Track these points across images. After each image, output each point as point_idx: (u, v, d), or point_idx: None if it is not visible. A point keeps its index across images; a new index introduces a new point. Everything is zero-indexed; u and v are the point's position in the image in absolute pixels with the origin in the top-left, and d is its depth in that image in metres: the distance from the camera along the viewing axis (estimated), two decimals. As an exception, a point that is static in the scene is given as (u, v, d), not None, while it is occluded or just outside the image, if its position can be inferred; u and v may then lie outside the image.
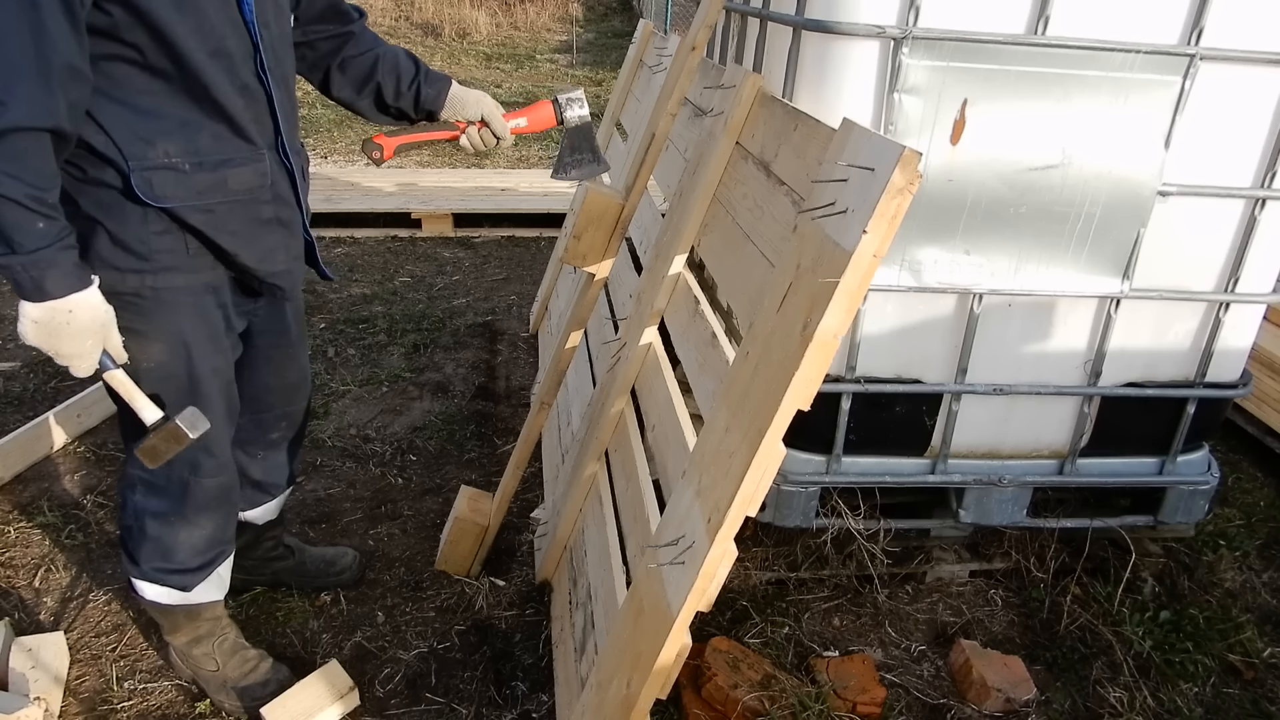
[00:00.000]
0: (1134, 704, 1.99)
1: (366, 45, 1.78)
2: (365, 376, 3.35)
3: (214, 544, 1.78)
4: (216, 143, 1.46)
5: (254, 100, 1.50)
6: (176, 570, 1.75)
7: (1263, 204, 1.92)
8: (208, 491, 1.70)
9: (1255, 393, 3.05)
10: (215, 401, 1.64)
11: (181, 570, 1.75)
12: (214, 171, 1.46)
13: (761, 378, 1.20)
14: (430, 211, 5.03)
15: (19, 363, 3.33)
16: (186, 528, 1.72)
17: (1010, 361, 2.02)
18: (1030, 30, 1.73)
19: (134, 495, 1.71)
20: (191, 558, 1.75)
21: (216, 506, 1.74)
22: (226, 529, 1.80)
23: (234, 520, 1.83)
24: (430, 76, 1.79)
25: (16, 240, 1.27)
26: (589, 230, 2.02)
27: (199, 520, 1.72)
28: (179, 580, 1.76)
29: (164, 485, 1.68)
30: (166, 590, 1.77)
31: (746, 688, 1.82)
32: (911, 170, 1.02)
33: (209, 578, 1.80)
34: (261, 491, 2.02)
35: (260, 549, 2.14)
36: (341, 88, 1.80)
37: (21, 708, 1.73)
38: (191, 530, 1.73)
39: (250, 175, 1.52)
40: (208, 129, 1.45)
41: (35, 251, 1.28)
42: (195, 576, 1.77)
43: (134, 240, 1.45)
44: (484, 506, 2.28)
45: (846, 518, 2.09)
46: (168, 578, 1.76)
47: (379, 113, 1.83)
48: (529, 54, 11.85)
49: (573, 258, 2.07)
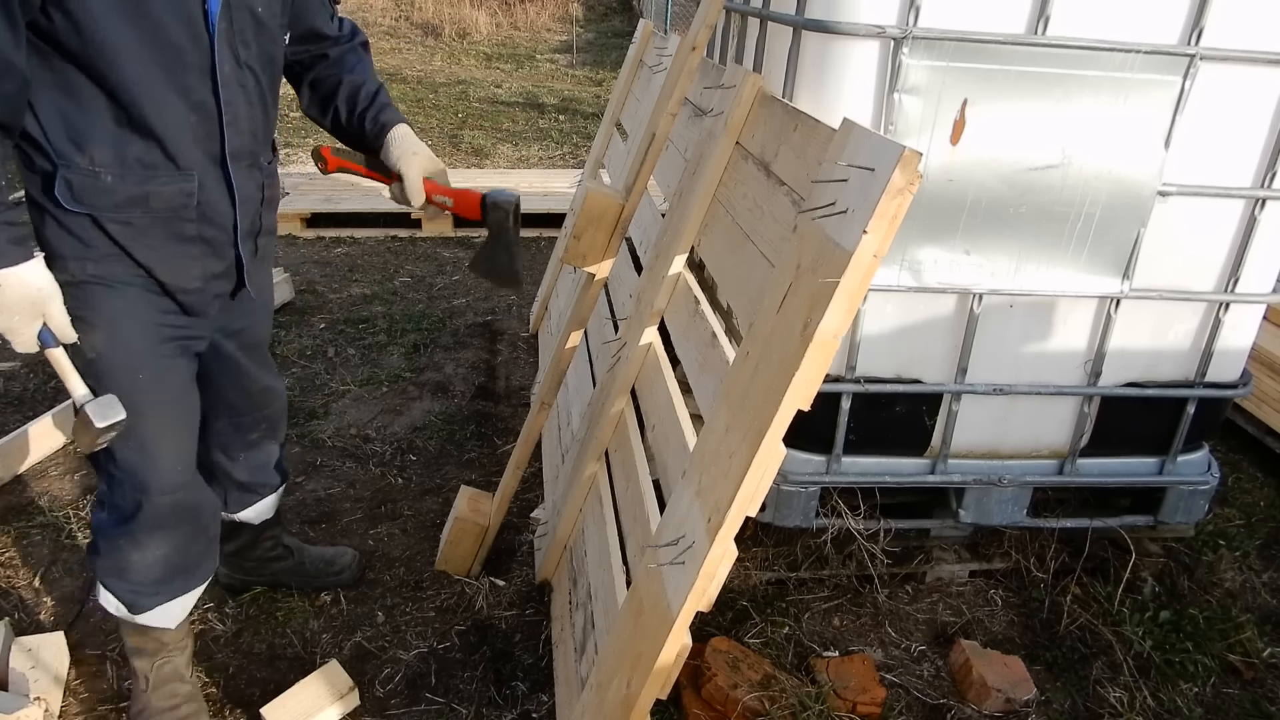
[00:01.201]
0: (1134, 704, 1.99)
1: (338, 68, 1.75)
2: (365, 376, 3.35)
3: (173, 571, 1.69)
4: (145, 157, 1.43)
5: (204, 117, 1.46)
6: (129, 589, 1.68)
7: (1263, 204, 1.92)
8: (160, 511, 1.62)
9: (1255, 393, 3.05)
10: (156, 408, 1.57)
11: (134, 590, 1.68)
12: (137, 186, 1.44)
13: (761, 378, 1.20)
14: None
15: (19, 363, 3.33)
16: (137, 550, 1.64)
17: (1010, 361, 2.02)
18: (1030, 30, 1.73)
19: (98, 512, 1.67)
20: (147, 581, 1.68)
21: (172, 528, 1.65)
22: (187, 555, 1.70)
23: (199, 547, 1.73)
24: (378, 115, 1.72)
25: None
26: (589, 230, 2.03)
27: (149, 543, 1.64)
28: (130, 598, 1.68)
29: (117, 503, 1.62)
30: (117, 603, 1.70)
31: (746, 688, 1.82)
32: (911, 170, 1.02)
33: (164, 606, 1.71)
34: (250, 492, 2.00)
35: (259, 549, 2.13)
36: (310, 106, 1.80)
37: (21, 708, 1.73)
38: (143, 553, 1.65)
39: (174, 194, 1.47)
40: (138, 143, 1.42)
41: None
42: (148, 600, 1.69)
43: (76, 226, 1.44)
44: (484, 506, 2.28)
45: (846, 518, 2.09)
46: (121, 592, 1.69)
47: (339, 137, 1.82)
48: (529, 54, 11.86)
49: (573, 258, 2.07)
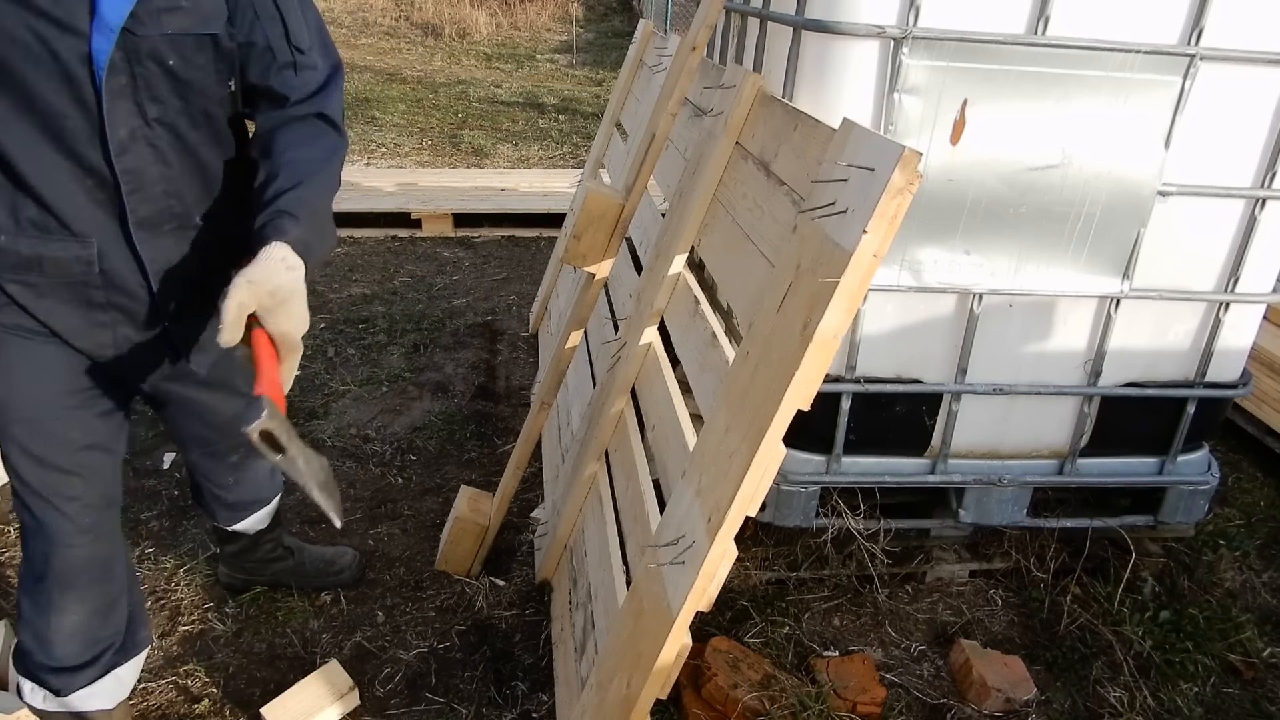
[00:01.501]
0: (1134, 704, 1.99)
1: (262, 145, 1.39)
2: (365, 376, 3.35)
3: (94, 640, 1.57)
4: (38, 220, 1.32)
5: (99, 183, 1.32)
6: (53, 668, 1.55)
7: (1263, 204, 1.92)
8: (71, 564, 1.50)
9: (1255, 393, 3.05)
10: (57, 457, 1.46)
11: (58, 668, 1.55)
12: (30, 249, 1.33)
13: (761, 378, 1.20)
14: (430, 211, 5.04)
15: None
16: (55, 613, 1.52)
17: (1010, 361, 2.02)
18: (1030, 30, 1.73)
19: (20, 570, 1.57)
20: (68, 653, 1.55)
21: (86, 586, 1.53)
22: (107, 621, 1.58)
23: (126, 606, 1.62)
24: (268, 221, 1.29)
25: None
26: (589, 230, 2.03)
27: (65, 604, 1.52)
28: (55, 681, 1.55)
29: (30, 557, 1.52)
30: (42, 693, 1.57)
31: (746, 688, 1.82)
32: (911, 170, 1.02)
33: (95, 683, 1.59)
34: (239, 510, 1.96)
35: (258, 552, 2.13)
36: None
37: (21, 708, 1.72)
38: (60, 616, 1.52)
39: (69, 260, 1.35)
40: (31, 206, 1.31)
41: None
42: (74, 678, 1.57)
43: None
44: (484, 506, 2.28)
45: (846, 518, 2.09)
46: (45, 676, 1.55)
47: None
48: (529, 54, 11.86)
49: (573, 258, 2.07)
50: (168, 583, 2.23)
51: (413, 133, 7.67)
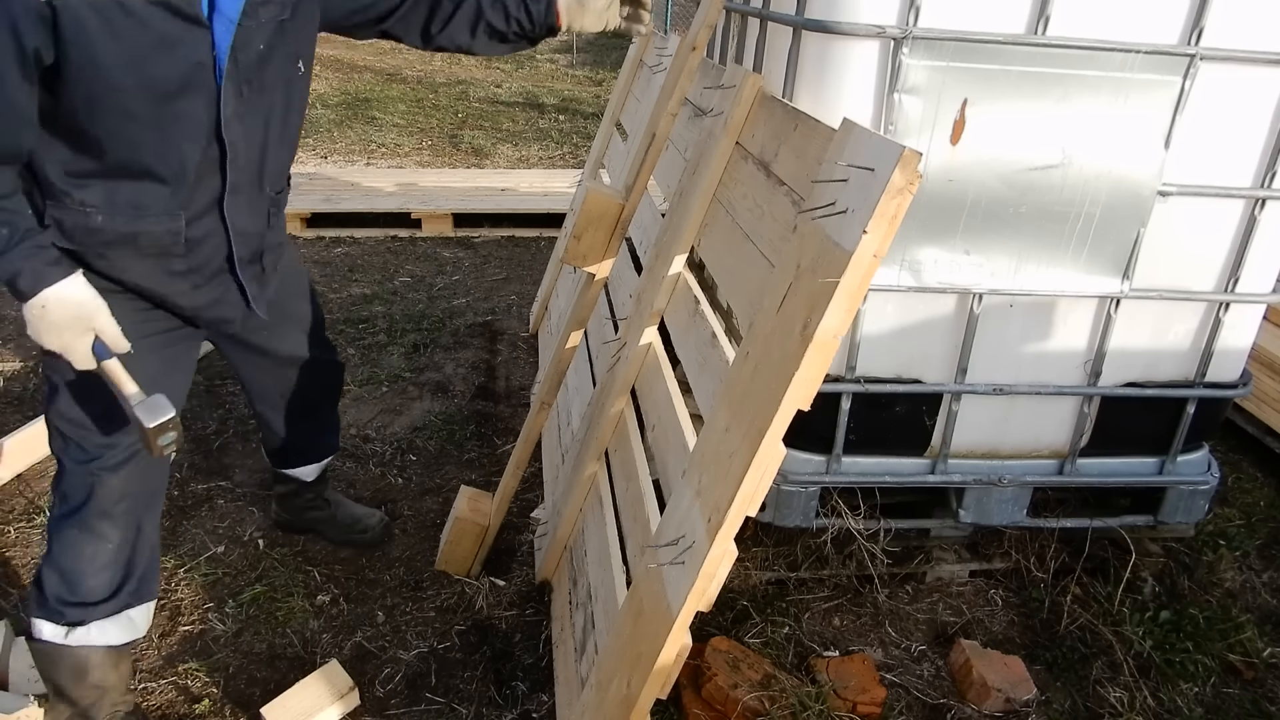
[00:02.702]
0: (1134, 704, 1.99)
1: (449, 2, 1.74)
2: (365, 376, 3.35)
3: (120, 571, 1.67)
4: (136, 198, 1.45)
5: (207, 160, 1.48)
6: (76, 602, 1.64)
7: (1263, 204, 1.92)
8: (111, 493, 1.62)
9: (1255, 393, 3.05)
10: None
11: (82, 602, 1.64)
12: (126, 226, 1.46)
13: (761, 378, 1.20)
14: (430, 211, 5.03)
15: (19, 363, 3.33)
16: (91, 540, 1.63)
17: (1010, 361, 2.02)
18: (1030, 30, 1.73)
19: (52, 514, 1.66)
20: (97, 584, 1.65)
21: (122, 516, 1.65)
22: (136, 555, 1.69)
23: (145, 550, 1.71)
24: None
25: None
26: (589, 230, 2.03)
27: (102, 529, 1.63)
28: (77, 613, 1.64)
29: (69, 492, 1.63)
30: (62, 629, 1.65)
31: (746, 688, 1.82)
32: (911, 170, 1.02)
33: (112, 617, 1.68)
34: (296, 458, 2.23)
35: (302, 499, 2.35)
36: (448, 41, 1.79)
37: (21, 708, 1.72)
38: (97, 544, 1.63)
39: (162, 234, 1.50)
40: (129, 186, 1.44)
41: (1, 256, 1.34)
42: (93, 610, 1.66)
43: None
44: (484, 506, 2.28)
45: (846, 518, 2.09)
46: (67, 610, 1.64)
47: (497, 45, 1.84)
48: (529, 54, 11.85)
49: (573, 258, 2.07)
50: (168, 583, 2.23)
51: (413, 133, 7.68)
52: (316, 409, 2.16)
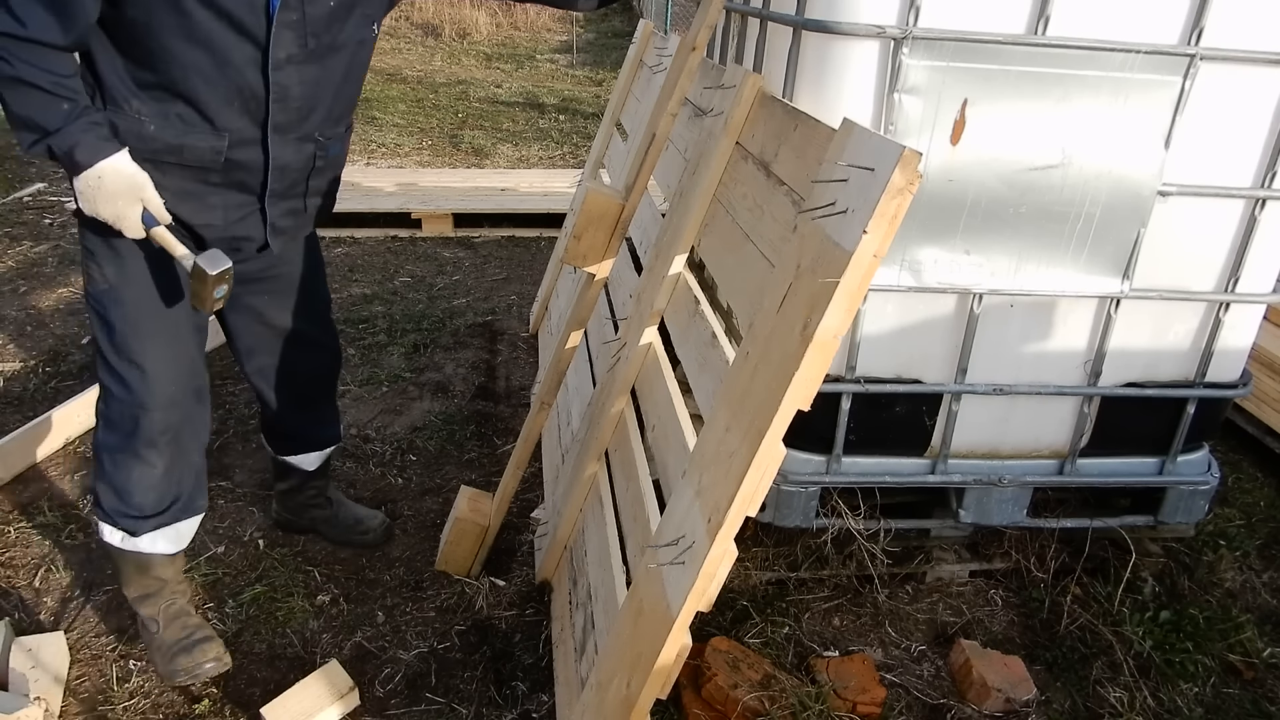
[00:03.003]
0: (1134, 704, 1.99)
1: None
2: (365, 376, 3.35)
3: (169, 491, 1.84)
4: (186, 115, 1.58)
5: (251, 97, 1.59)
6: (130, 514, 1.82)
7: (1263, 204, 1.92)
8: (155, 426, 1.77)
9: (1255, 393, 3.05)
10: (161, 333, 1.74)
11: (135, 515, 1.82)
12: (175, 138, 1.59)
13: (761, 378, 1.20)
14: (430, 211, 5.03)
15: (19, 363, 3.33)
16: (140, 465, 1.79)
17: (1010, 361, 2.02)
18: (1030, 30, 1.73)
19: (99, 432, 1.81)
20: (146, 502, 1.82)
21: (166, 446, 1.80)
22: (182, 477, 1.86)
23: (191, 473, 1.88)
24: None
25: (45, 122, 1.46)
26: (589, 230, 2.03)
27: (149, 456, 1.79)
28: (130, 524, 1.82)
29: (117, 420, 1.77)
30: (120, 534, 1.84)
31: (746, 688, 1.82)
32: (911, 170, 1.02)
33: (161, 530, 1.86)
34: (296, 445, 2.24)
35: (304, 494, 2.35)
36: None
37: (21, 708, 1.72)
38: (145, 469, 1.79)
39: (206, 150, 1.62)
40: (180, 103, 1.57)
41: (61, 129, 1.47)
42: (146, 523, 1.83)
43: None
44: (484, 506, 2.29)
45: (846, 518, 2.09)
46: (121, 520, 1.83)
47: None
48: (529, 54, 11.86)
49: (573, 258, 2.07)
50: (168, 583, 2.23)
51: (413, 133, 7.67)
52: (315, 390, 2.19)
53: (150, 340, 1.73)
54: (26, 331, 3.60)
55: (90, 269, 1.69)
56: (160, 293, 1.73)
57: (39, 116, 1.46)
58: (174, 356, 1.79)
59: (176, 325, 1.77)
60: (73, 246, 4.56)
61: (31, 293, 3.99)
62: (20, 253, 4.47)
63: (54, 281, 4.13)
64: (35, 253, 4.48)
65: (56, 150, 1.48)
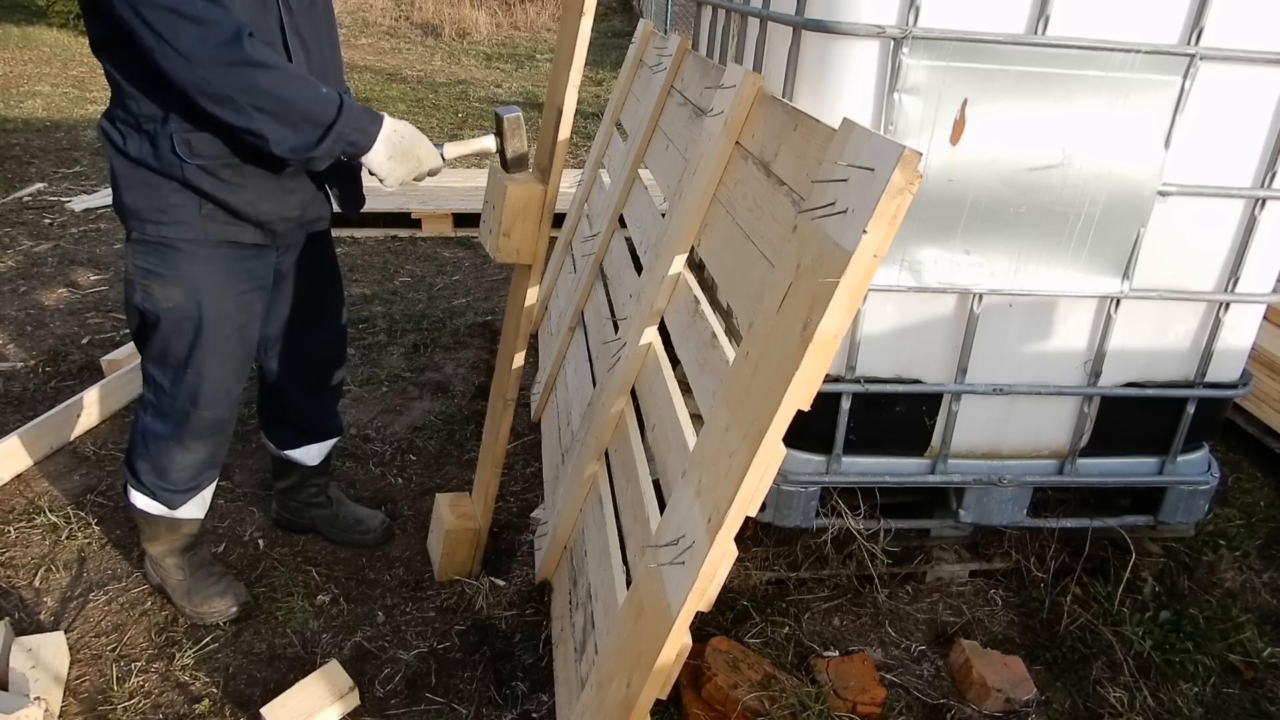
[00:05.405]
0: (1134, 704, 1.99)
1: None
2: (365, 376, 3.35)
3: (204, 468, 2.00)
4: None
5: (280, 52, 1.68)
6: (168, 489, 1.97)
7: (1263, 204, 1.92)
8: (204, 421, 1.91)
9: (1255, 393, 3.05)
10: (222, 345, 1.85)
11: (172, 489, 1.97)
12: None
13: (761, 378, 1.20)
14: (430, 211, 5.04)
15: (19, 363, 3.33)
16: (182, 452, 1.93)
17: (1010, 361, 2.02)
18: (1030, 30, 1.73)
19: (144, 415, 1.93)
20: (183, 479, 1.97)
21: (210, 436, 1.95)
22: (217, 457, 2.02)
23: (224, 451, 2.04)
24: None
25: (324, 111, 1.55)
26: (518, 224, 1.89)
27: (193, 446, 1.94)
28: (168, 497, 1.98)
29: (168, 412, 1.89)
30: (156, 504, 1.99)
31: (746, 688, 1.82)
32: (911, 170, 1.02)
33: (194, 498, 2.02)
34: (302, 437, 2.27)
35: (305, 492, 2.37)
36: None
37: (21, 708, 1.73)
38: (186, 454, 1.94)
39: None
40: None
41: (341, 108, 1.56)
42: (183, 496, 1.99)
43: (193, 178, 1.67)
44: (468, 508, 2.26)
45: (846, 518, 2.09)
46: (160, 493, 1.97)
47: None
48: (529, 54, 11.86)
49: (507, 255, 1.93)
50: (168, 583, 2.23)
51: (413, 133, 7.66)
52: (328, 373, 2.22)
53: (211, 353, 1.84)
54: (26, 331, 3.60)
55: (151, 288, 1.76)
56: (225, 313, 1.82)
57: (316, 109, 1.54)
58: (230, 366, 1.90)
59: (234, 340, 1.87)
60: (73, 246, 4.56)
61: (31, 293, 3.99)
62: (20, 253, 4.47)
63: (54, 281, 4.13)
64: (35, 253, 4.48)
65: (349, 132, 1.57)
